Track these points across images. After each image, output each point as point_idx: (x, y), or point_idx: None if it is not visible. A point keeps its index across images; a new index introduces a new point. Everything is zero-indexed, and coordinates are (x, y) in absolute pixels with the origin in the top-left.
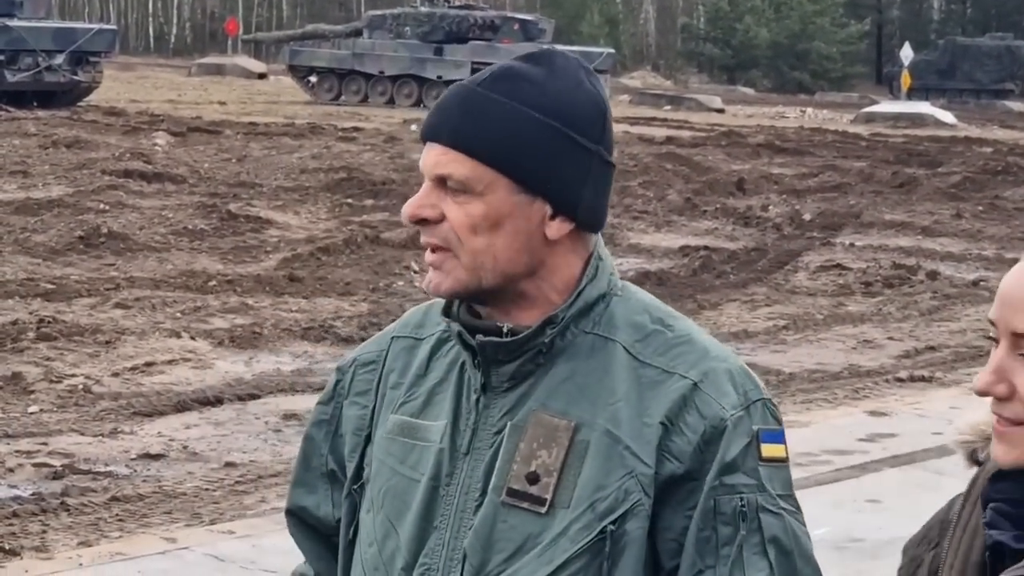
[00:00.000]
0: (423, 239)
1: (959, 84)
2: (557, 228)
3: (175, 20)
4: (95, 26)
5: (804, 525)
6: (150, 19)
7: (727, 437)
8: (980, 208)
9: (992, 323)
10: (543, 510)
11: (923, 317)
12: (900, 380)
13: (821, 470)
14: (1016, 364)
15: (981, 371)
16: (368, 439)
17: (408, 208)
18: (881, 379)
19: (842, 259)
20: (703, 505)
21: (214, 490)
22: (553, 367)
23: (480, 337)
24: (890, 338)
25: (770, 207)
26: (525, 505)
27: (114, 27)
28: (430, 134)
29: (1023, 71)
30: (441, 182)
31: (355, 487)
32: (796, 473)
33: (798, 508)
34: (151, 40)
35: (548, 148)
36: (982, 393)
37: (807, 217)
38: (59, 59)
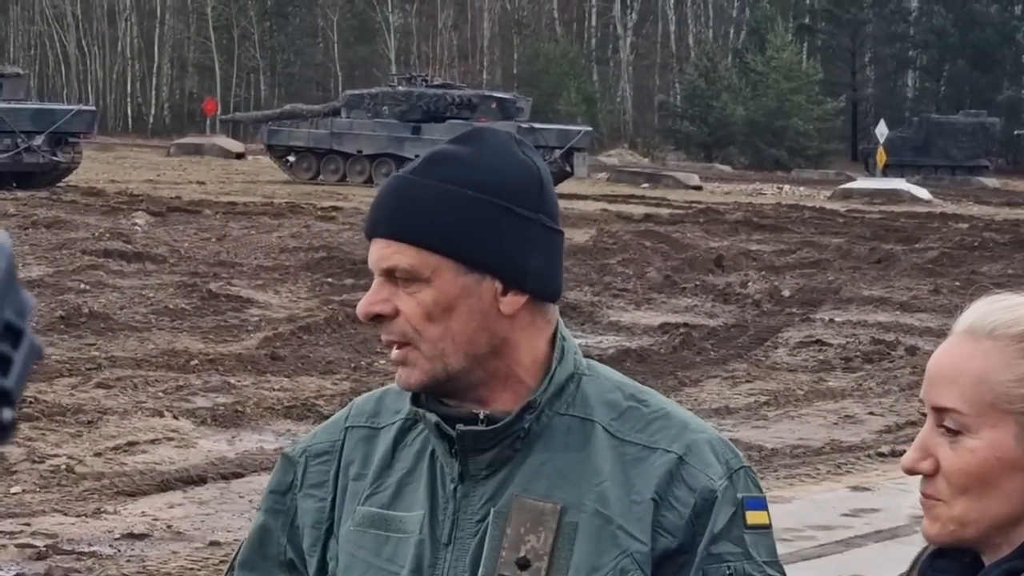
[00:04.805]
0: (383, 337)
1: (934, 160)
2: (511, 303)
3: (153, 101)
4: (74, 107)
5: None
6: (129, 100)
7: (716, 507)
8: (957, 283)
9: (922, 401)
10: None
11: (903, 392)
12: (882, 455)
13: (805, 545)
14: (939, 440)
15: (909, 448)
16: (329, 532)
17: (362, 306)
18: (863, 454)
19: (822, 335)
20: None
21: (199, 570)
22: (531, 452)
23: (460, 427)
24: (871, 413)
25: (749, 284)
26: None
27: (93, 108)
28: (371, 230)
29: (997, 148)
30: (389, 275)
31: None
32: (780, 548)
33: (783, 573)
34: (130, 120)
35: (486, 224)
36: (908, 471)
37: (786, 293)
38: (38, 140)
